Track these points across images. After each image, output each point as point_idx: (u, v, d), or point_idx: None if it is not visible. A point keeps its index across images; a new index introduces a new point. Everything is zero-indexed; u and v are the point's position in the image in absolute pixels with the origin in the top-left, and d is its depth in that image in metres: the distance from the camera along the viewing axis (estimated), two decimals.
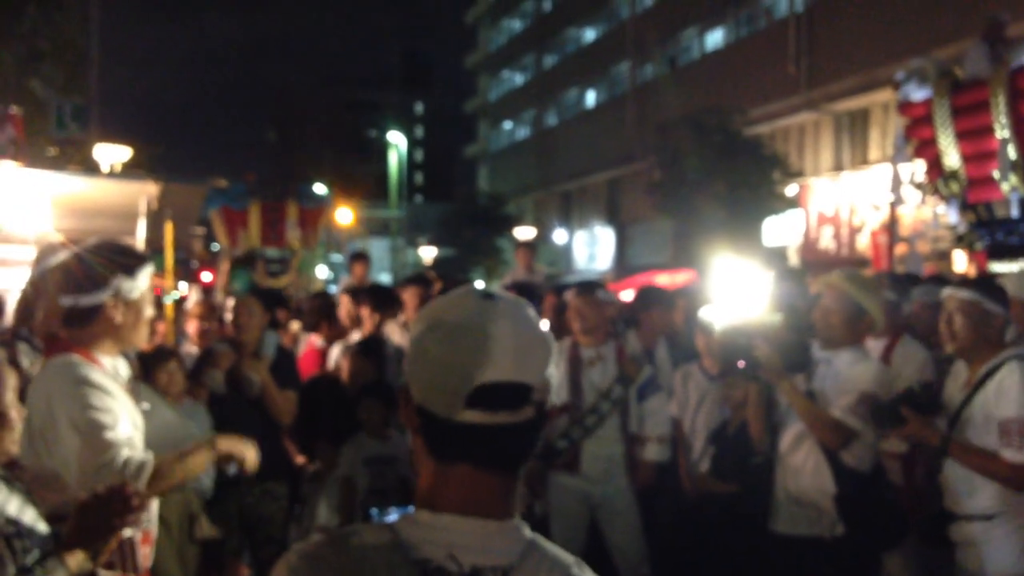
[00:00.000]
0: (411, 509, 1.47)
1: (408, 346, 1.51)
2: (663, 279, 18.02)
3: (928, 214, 15.82)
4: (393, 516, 1.48)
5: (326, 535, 1.47)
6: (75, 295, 2.98)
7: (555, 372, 1.49)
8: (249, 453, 3.21)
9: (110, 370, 3.06)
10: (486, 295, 1.48)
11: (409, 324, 6.58)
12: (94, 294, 2.97)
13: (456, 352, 1.41)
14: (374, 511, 1.51)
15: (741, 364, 4.38)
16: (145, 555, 3.04)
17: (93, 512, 2.60)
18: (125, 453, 2.87)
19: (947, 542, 4.01)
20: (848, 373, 4.21)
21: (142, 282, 3.03)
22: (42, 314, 3.08)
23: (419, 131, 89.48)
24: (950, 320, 3.94)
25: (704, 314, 5.35)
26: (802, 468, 4.29)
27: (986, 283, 4.07)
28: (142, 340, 3.16)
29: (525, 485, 5.55)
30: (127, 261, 3.03)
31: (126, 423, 2.95)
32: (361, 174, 51.46)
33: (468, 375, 1.39)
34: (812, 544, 4.24)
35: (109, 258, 3.01)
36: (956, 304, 3.93)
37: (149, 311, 3.11)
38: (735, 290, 4.68)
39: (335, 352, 6.43)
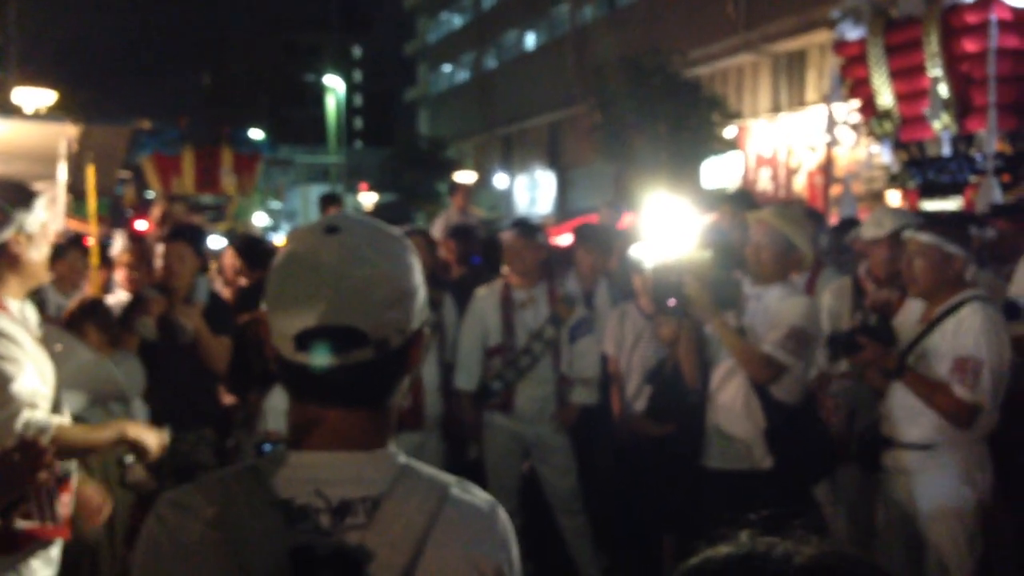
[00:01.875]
0: None
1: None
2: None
3: (863, 154, 16.01)
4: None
5: (196, 482, 1.45)
6: None
7: (411, 308, 1.43)
8: (152, 443, 3.16)
9: (17, 314, 2.97)
10: (330, 228, 1.41)
11: None
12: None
13: (288, 293, 1.38)
14: (267, 447, 1.48)
15: (672, 302, 4.39)
16: (65, 503, 2.98)
17: (3, 467, 2.55)
18: (26, 414, 2.78)
19: (882, 469, 4.09)
20: (778, 308, 4.24)
21: (40, 215, 2.96)
22: None
23: (357, 75, 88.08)
24: (910, 263, 3.96)
25: (635, 252, 5.36)
26: (732, 404, 4.34)
27: (946, 224, 4.07)
28: (44, 276, 3.11)
29: (461, 426, 5.62)
30: (22, 195, 2.94)
31: (31, 375, 2.85)
32: (299, 119, 50.62)
33: (294, 317, 1.36)
34: (743, 478, 4.30)
35: (3, 194, 2.92)
36: (916, 247, 3.94)
37: (46, 247, 3.04)
38: (666, 228, 4.68)
39: None
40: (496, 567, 1.40)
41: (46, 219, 3.02)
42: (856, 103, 13.01)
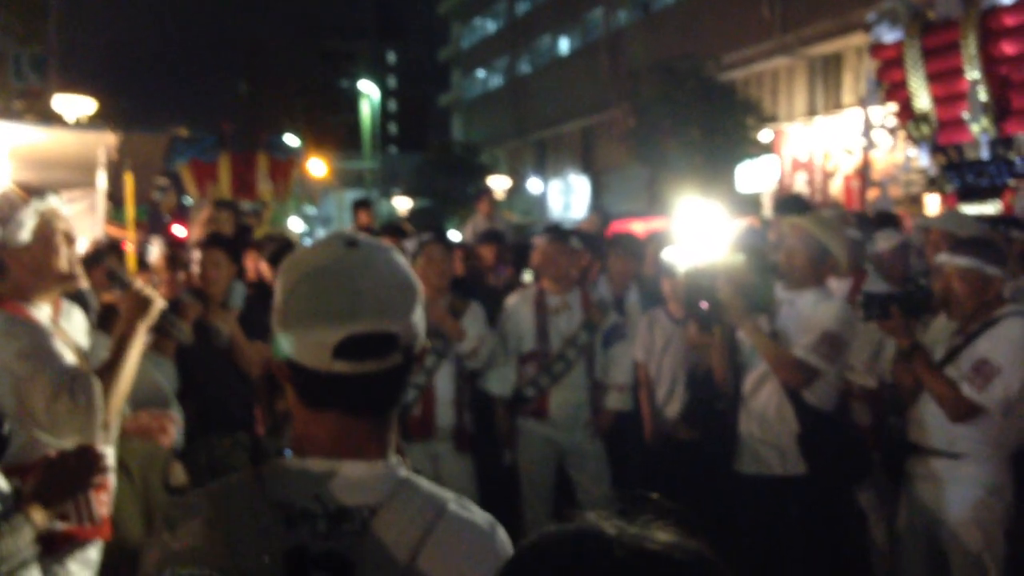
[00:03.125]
0: None
1: (275, 298, 1.49)
2: (638, 227, 18.03)
3: (900, 158, 15.85)
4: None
5: (204, 487, 1.49)
6: None
7: (422, 316, 1.50)
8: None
9: (44, 318, 3.03)
10: (350, 242, 1.47)
11: None
12: None
13: (321, 305, 1.41)
14: (288, 451, 1.51)
15: (704, 306, 4.38)
16: (102, 502, 3.03)
17: (60, 471, 2.59)
18: (67, 377, 2.85)
19: (907, 475, 4.07)
20: (811, 313, 4.22)
21: (26, 223, 2.97)
22: None
23: (392, 81, 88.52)
24: (948, 287, 3.94)
25: (667, 256, 5.34)
26: (765, 409, 4.32)
27: (981, 244, 4.02)
28: (58, 279, 3.07)
29: (497, 435, 5.62)
30: (3, 208, 2.99)
31: (63, 357, 2.93)
32: (334, 125, 50.93)
33: (333, 328, 1.40)
34: (776, 483, 4.28)
35: None
36: (954, 271, 3.91)
37: (60, 249, 3.04)
38: (699, 232, 4.66)
39: None
40: None
41: (57, 224, 3.04)
42: (893, 106, 12.88)
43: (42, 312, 3.04)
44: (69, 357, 2.98)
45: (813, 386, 4.19)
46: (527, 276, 6.95)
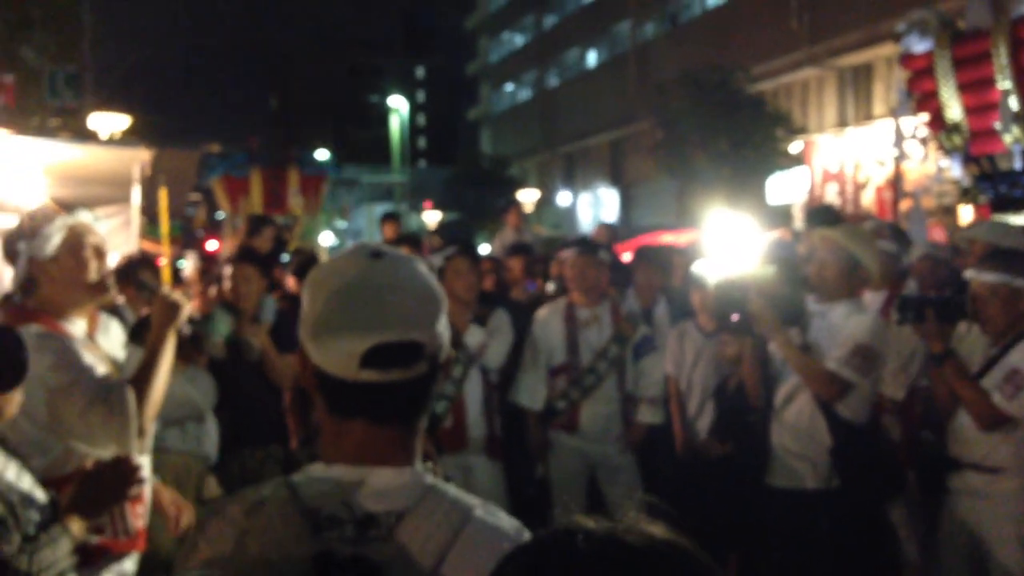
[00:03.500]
0: None
1: (302, 309, 1.52)
2: (668, 239, 18.00)
3: (932, 169, 15.70)
4: None
5: (237, 495, 1.52)
6: (9, 268, 3.05)
7: (446, 325, 1.52)
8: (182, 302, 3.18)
9: (78, 332, 3.07)
10: (374, 254, 1.50)
11: None
12: (18, 264, 3.02)
13: (347, 316, 1.44)
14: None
15: (735, 318, 4.36)
16: (137, 515, 3.06)
17: (97, 482, 2.63)
18: (101, 387, 2.89)
19: (946, 490, 4.02)
20: (843, 325, 4.18)
21: (54, 237, 3.02)
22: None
23: (421, 95, 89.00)
24: (979, 303, 3.91)
25: (698, 269, 5.32)
26: (797, 422, 4.28)
27: (1009, 257, 3.98)
28: (88, 292, 3.10)
29: (529, 448, 5.61)
30: (28, 225, 3.04)
31: (96, 369, 2.97)
32: (363, 139, 51.27)
33: (361, 337, 1.42)
34: (808, 497, 4.24)
35: (18, 226, 3.06)
36: (982, 287, 3.89)
37: (88, 262, 3.07)
38: (729, 244, 4.65)
39: None
40: None
41: (86, 238, 3.08)
42: (924, 117, 12.77)
43: (76, 326, 3.08)
44: (102, 369, 3.02)
45: (846, 399, 4.16)
46: (550, 286, 6.96)
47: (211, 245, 17.87)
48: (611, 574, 0.90)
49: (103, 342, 3.23)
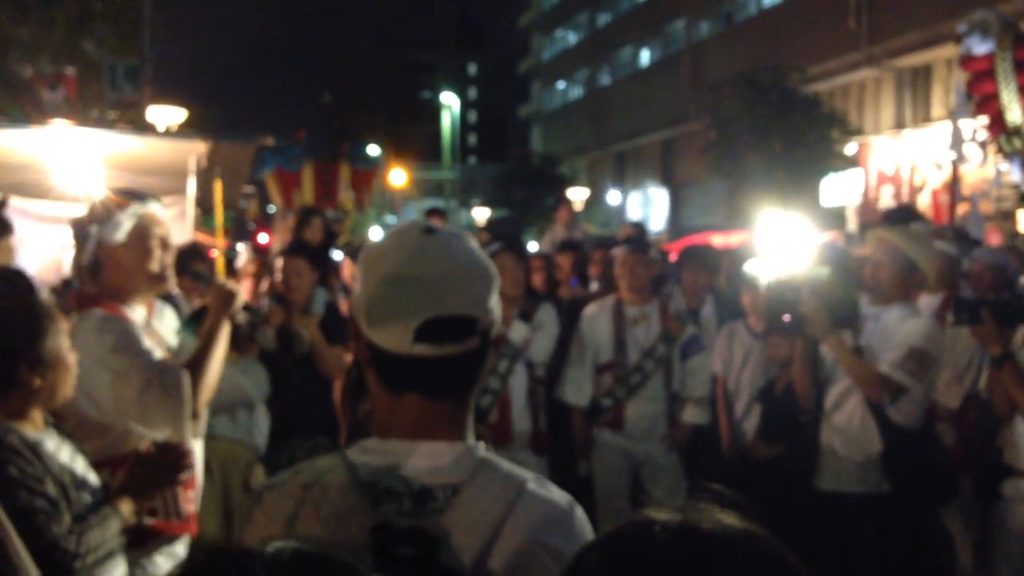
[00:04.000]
0: None
1: (355, 284, 1.54)
2: (717, 240, 17.87)
3: (991, 172, 15.40)
4: None
5: (293, 469, 1.55)
6: (79, 252, 3.11)
7: (498, 302, 1.53)
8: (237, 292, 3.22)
9: (139, 318, 3.13)
10: (427, 230, 1.51)
11: None
12: (86, 248, 3.07)
13: (402, 289, 1.45)
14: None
15: (787, 318, 4.32)
16: (189, 499, 3.12)
17: (148, 466, 2.68)
18: (158, 370, 2.95)
19: (1000, 497, 3.96)
20: (897, 328, 4.12)
21: (123, 224, 3.06)
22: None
23: (472, 92, 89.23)
24: None
25: (749, 269, 5.28)
26: (847, 425, 4.23)
27: None
28: (149, 280, 3.15)
29: (573, 445, 5.60)
30: (101, 210, 3.09)
31: (153, 352, 3.03)
32: (414, 135, 51.58)
33: (415, 311, 1.44)
34: (858, 500, 4.19)
35: (91, 209, 3.11)
36: None
37: (153, 252, 3.12)
38: (781, 245, 4.60)
39: None
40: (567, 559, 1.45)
41: (154, 228, 3.13)
42: (984, 119, 12.54)
43: (136, 313, 3.15)
44: (159, 354, 3.08)
45: (898, 403, 4.10)
46: (593, 285, 6.94)
47: (262, 238, 18.07)
48: (692, 564, 0.90)
49: (158, 327, 3.29)
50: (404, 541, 1.39)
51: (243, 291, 3.30)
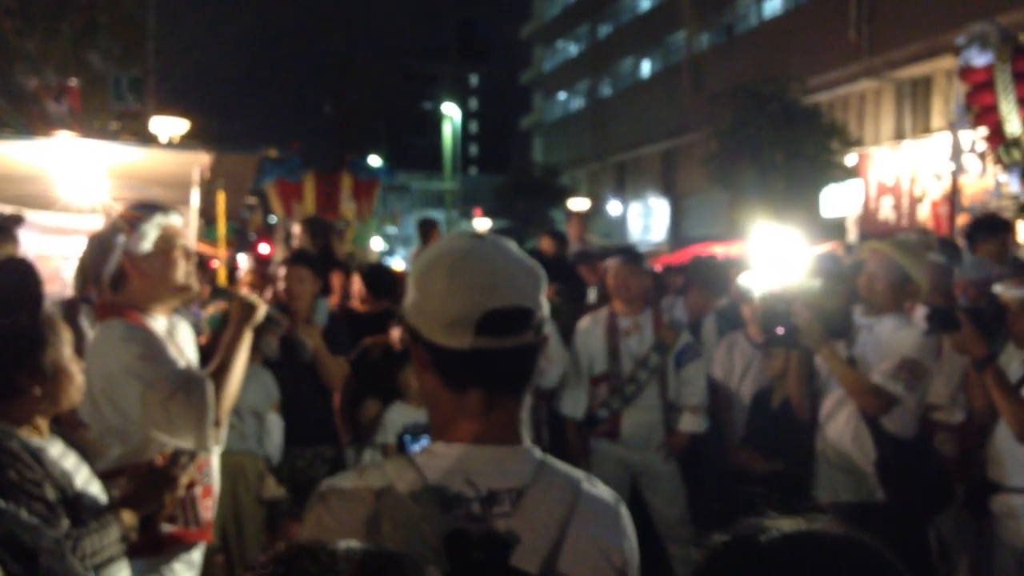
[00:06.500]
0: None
1: (410, 286, 1.59)
2: (718, 251, 17.89)
3: (990, 183, 15.43)
4: (424, 442, 1.62)
5: (354, 471, 1.58)
6: (99, 263, 3.14)
7: (546, 300, 1.59)
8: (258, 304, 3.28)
9: (160, 328, 3.18)
10: (476, 235, 1.59)
11: None
12: (109, 259, 3.11)
13: (461, 283, 1.51)
14: (407, 437, 1.60)
15: (780, 330, 4.36)
16: (206, 507, 3.16)
17: (145, 479, 2.73)
18: (182, 378, 3.00)
19: (988, 513, 3.98)
20: (890, 339, 4.16)
21: (149, 234, 3.11)
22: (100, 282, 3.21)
23: (473, 103, 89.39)
24: (1012, 320, 3.88)
25: (743, 281, 5.32)
26: (842, 435, 4.26)
27: None
28: (173, 291, 3.21)
29: (569, 454, 5.63)
30: (128, 219, 3.14)
31: (177, 361, 3.09)
32: (416, 146, 51.62)
33: (476, 303, 1.49)
34: (854, 510, 4.21)
35: (116, 220, 3.16)
36: (1013, 302, 3.86)
37: (178, 262, 3.18)
38: (776, 257, 4.65)
39: None
40: (621, 555, 1.54)
41: (177, 239, 3.18)
42: (983, 130, 12.59)
43: (158, 323, 3.20)
44: (182, 363, 3.13)
45: (892, 413, 4.13)
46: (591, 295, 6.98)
47: (263, 248, 18.14)
48: (808, 570, 0.95)
49: (177, 338, 3.34)
50: (479, 546, 1.44)
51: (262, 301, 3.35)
